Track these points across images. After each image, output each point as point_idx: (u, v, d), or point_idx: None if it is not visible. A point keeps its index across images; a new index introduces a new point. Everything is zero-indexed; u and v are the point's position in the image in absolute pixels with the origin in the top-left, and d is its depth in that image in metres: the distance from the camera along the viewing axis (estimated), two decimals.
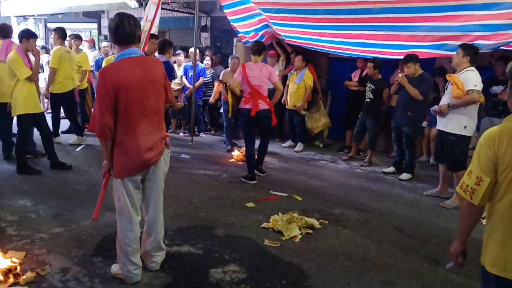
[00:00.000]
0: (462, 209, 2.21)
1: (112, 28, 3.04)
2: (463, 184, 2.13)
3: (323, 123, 8.12)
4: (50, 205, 4.83)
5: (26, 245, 3.85)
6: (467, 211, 2.18)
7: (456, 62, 5.26)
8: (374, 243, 4.26)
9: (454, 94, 5.15)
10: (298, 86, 7.84)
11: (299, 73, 7.86)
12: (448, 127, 5.30)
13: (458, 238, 2.28)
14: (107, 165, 3.20)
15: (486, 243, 2.12)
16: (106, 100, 2.94)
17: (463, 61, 5.19)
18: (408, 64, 6.09)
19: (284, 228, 4.35)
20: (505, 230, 2.02)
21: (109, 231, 4.12)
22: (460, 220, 2.25)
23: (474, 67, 5.22)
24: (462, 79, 5.14)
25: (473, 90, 5.06)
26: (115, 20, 3.03)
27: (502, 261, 2.02)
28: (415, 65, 6.08)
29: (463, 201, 2.16)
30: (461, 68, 5.22)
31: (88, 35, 14.54)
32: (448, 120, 5.31)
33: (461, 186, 2.14)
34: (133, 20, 3.05)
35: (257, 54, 5.98)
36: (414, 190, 6.03)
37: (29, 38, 5.84)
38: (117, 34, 3.03)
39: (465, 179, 2.13)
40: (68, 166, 6.26)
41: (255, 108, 5.86)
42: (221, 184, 5.93)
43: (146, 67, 3.09)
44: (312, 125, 8.09)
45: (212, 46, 10.53)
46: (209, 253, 3.85)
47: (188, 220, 4.60)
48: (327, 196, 5.61)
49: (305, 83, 7.81)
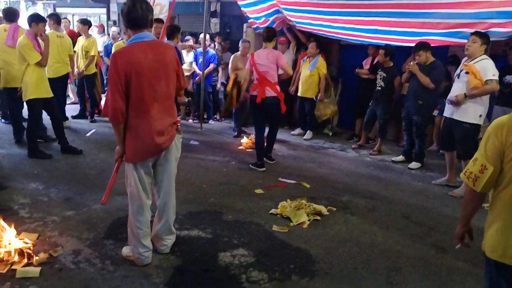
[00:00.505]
0: (465, 194, 2.27)
1: (125, 12, 3.05)
2: (467, 170, 2.16)
3: (332, 110, 8.07)
4: (61, 189, 4.89)
5: (38, 227, 3.92)
6: (469, 196, 2.23)
7: (472, 51, 5.09)
8: (381, 230, 4.29)
9: (472, 84, 5.01)
10: (311, 73, 7.76)
11: (312, 60, 7.77)
12: (464, 116, 5.21)
13: (461, 221, 2.36)
14: (119, 150, 3.22)
15: (487, 230, 2.15)
16: (117, 84, 2.96)
17: (480, 49, 5.06)
18: (419, 52, 6.02)
19: (292, 214, 4.39)
20: (507, 218, 2.05)
21: (119, 215, 4.18)
22: (462, 205, 2.32)
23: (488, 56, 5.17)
24: (480, 68, 5.03)
25: (492, 80, 4.97)
26: (127, 4, 3.03)
27: (501, 247, 2.05)
28: (426, 53, 6.01)
29: (466, 187, 2.20)
30: (475, 56, 5.10)
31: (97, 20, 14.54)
32: (463, 109, 5.21)
33: (465, 172, 2.17)
34: (145, 4, 3.06)
35: (268, 40, 5.95)
36: (423, 179, 6.03)
37: (38, 22, 5.82)
38: (129, 18, 3.04)
39: (469, 166, 2.15)
40: (79, 151, 6.32)
41: (261, 95, 5.85)
42: (230, 170, 5.97)
43: (158, 51, 3.09)
44: (321, 112, 8.03)
45: (221, 32, 10.48)
46: (218, 238, 3.90)
47: (197, 205, 4.64)
48: (335, 183, 5.63)
49: (318, 71, 7.73)
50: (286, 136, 8.19)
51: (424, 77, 5.97)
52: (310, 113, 8.08)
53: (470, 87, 5.07)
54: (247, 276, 3.30)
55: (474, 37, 5.08)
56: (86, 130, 7.77)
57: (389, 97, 7.02)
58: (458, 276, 3.50)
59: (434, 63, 6.06)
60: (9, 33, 6.14)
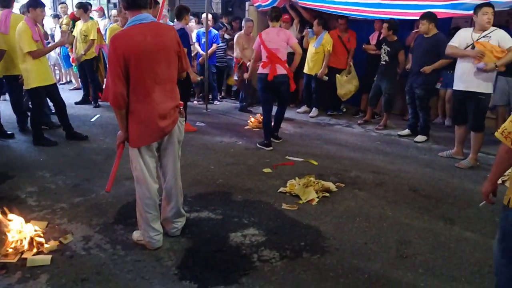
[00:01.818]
0: (500, 153, 2.27)
1: None
2: (505, 130, 2.18)
3: (355, 86, 7.90)
4: (68, 176, 4.90)
5: (47, 215, 3.93)
6: (505, 155, 2.25)
7: (491, 22, 4.99)
8: (390, 204, 4.29)
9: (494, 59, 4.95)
10: (316, 50, 7.70)
11: (318, 37, 7.70)
12: (479, 88, 5.13)
13: (490, 179, 2.40)
14: (121, 135, 3.21)
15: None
16: (117, 68, 2.91)
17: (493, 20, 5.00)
18: (423, 21, 5.96)
19: (301, 192, 4.39)
20: None
21: (128, 199, 4.19)
22: (496, 163, 2.33)
23: None
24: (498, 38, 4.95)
25: None
26: None
27: None
28: (430, 24, 5.94)
29: (503, 146, 2.22)
30: (487, 28, 5.02)
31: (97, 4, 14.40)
32: (479, 80, 5.12)
33: (502, 132, 2.19)
34: None
35: (275, 20, 5.90)
36: (429, 152, 6.01)
37: (36, 7, 5.69)
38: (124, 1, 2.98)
39: (507, 126, 2.17)
40: (84, 137, 6.32)
41: (272, 72, 5.79)
42: (237, 151, 5.96)
43: (157, 33, 3.02)
44: (345, 91, 7.87)
45: (223, 11, 10.37)
46: (228, 218, 3.91)
47: (206, 186, 4.65)
48: (342, 160, 5.62)
49: (323, 48, 7.64)
50: (291, 114, 8.15)
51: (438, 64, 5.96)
52: (316, 91, 8.03)
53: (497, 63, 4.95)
54: (258, 255, 3.31)
55: (487, 8, 4.98)
56: (91, 115, 7.78)
57: (394, 72, 6.95)
58: (467, 246, 3.50)
59: (437, 35, 5.99)
60: (1, 19, 5.93)
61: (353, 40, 7.84)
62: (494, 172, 2.36)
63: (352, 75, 7.87)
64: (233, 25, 9.50)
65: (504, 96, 6.51)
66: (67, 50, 9.28)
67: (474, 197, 4.45)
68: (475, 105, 5.21)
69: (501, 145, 2.23)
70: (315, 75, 7.81)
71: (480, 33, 5.07)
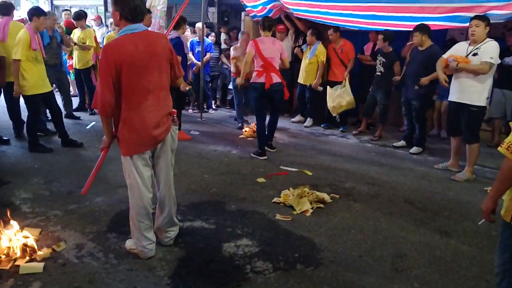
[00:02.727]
0: (504, 169, 2.20)
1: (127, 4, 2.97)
2: (510, 146, 2.13)
3: (347, 102, 7.51)
4: (63, 183, 4.88)
5: (41, 222, 3.90)
6: (510, 172, 2.18)
7: (479, 35, 4.98)
8: (385, 216, 4.27)
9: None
10: (310, 61, 7.73)
11: (312, 48, 7.74)
12: (471, 100, 5.14)
13: (492, 196, 2.33)
14: (106, 141, 3.23)
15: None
16: (107, 77, 2.92)
17: (485, 32, 4.98)
18: (416, 33, 6.00)
19: (295, 202, 4.37)
20: None
21: (122, 207, 4.16)
22: (500, 180, 2.26)
23: None
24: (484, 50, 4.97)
25: (486, 62, 4.90)
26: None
27: None
28: (422, 36, 5.97)
29: (507, 161, 2.16)
30: (481, 39, 5.02)
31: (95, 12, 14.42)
32: (470, 92, 5.14)
33: (508, 147, 2.14)
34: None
35: (267, 29, 5.92)
36: (424, 164, 6.01)
37: (39, 16, 5.76)
38: (130, 10, 2.97)
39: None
40: (79, 144, 6.30)
41: (269, 81, 5.81)
42: (232, 160, 5.95)
43: (149, 41, 3.04)
44: (335, 104, 7.58)
45: (219, 21, 10.42)
46: (222, 228, 3.89)
47: (199, 195, 4.63)
48: (337, 170, 5.61)
49: (317, 58, 7.67)
50: (286, 124, 8.17)
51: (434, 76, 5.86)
52: (311, 101, 8.03)
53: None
54: (251, 266, 3.29)
55: (476, 21, 4.99)
56: (86, 122, 7.74)
57: (389, 82, 6.97)
58: (464, 260, 3.49)
59: (432, 48, 6.02)
60: (0, 26, 5.99)
61: (347, 50, 7.62)
62: (497, 189, 2.29)
63: (345, 90, 7.57)
64: (230, 35, 9.55)
65: (500, 108, 6.56)
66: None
67: (470, 210, 4.45)
68: (468, 117, 5.23)
69: (505, 161, 2.17)
70: (309, 85, 7.82)
71: (473, 46, 5.10)
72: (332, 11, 7.05)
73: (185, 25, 7.01)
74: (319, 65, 7.69)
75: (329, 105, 7.68)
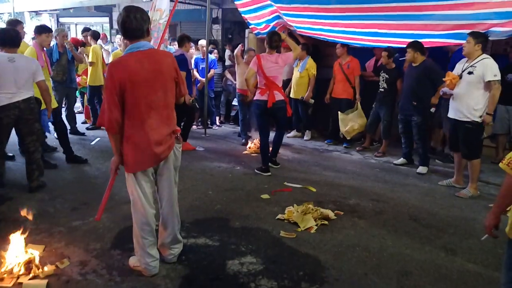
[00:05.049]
0: (506, 185, 2.22)
1: (120, 23, 3.04)
2: (511, 162, 2.15)
3: (360, 125, 7.46)
4: (67, 199, 4.88)
5: (44, 238, 3.90)
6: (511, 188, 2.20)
7: (468, 51, 5.14)
8: (390, 233, 4.25)
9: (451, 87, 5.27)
10: (301, 75, 7.91)
11: (302, 62, 7.92)
12: (465, 116, 5.20)
13: (495, 212, 2.34)
14: (115, 160, 3.23)
15: None
16: (113, 94, 2.96)
17: (475, 49, 5.08)
18: (408, 49, 6.08)
19: (300, 219, 4.35)
20: None
21: (126, 224, 4.15)
22: (501, 195, 2.28)
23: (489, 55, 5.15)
24: (480, 68, 5.03)
25: (495, 81, 4.97)
26: (122, 14, 3.02)
27: None
28: (415, 53, 6.03)
29: (509, 178, 2.19)
30: (474, 56, 5.11)
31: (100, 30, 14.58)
32: (464, 109, 5.21)
33: (508, 164, 2.16)
34: (140, 14, 3.03)
35: (274, 47, 5.95)
36: (429, 180, 5.99)
37: (41, 33, 5.84)
38: (124, 29, 3.03)
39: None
40: (84, 160, 6.32)
41: (271, 99, 5.84)
42: (236, 176, 5.94)
43: (154, 60, 3.08)
44: (347, 129, 7.52)
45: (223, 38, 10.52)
46: (226, 245, 3.87)
47: (204, 212, 4.62)
48: (341, 187, 5.60)
49: (308, 72, 7.85)
50: (289, 140, 8.21)
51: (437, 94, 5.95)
52: (305, 114, 8.19)
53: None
54: (256, 284, 3.27)
55: (468, 37, 5.14)
56: (91, 138, 7.77)
57: (392, 99, 6.98)
58: (470, 278, 3.46)
59: (425, 63, 6.09)
60: None
61: (353, 66, 7.65)
62: (499, 205, 2.31)
63: (357, 113, 7.50)
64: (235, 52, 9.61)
65: (504, 125, 6.55)
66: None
67: (475, 227, 4.42)
68: (463, 133, 5.27)
69: (507, 177, 2.19)
70: (302, 98, 7.95)
71: (469, 63, 5.17)
72: (335, 28, 7.11)
73: (189, 43, 7.14)
74: (310, 78, 7.88)
75: (342, 130, 7.66)
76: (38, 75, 4.97)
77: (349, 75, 7.64)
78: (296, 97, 8.06)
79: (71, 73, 7.51)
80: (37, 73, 4.97)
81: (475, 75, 5.06)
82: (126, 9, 3.04)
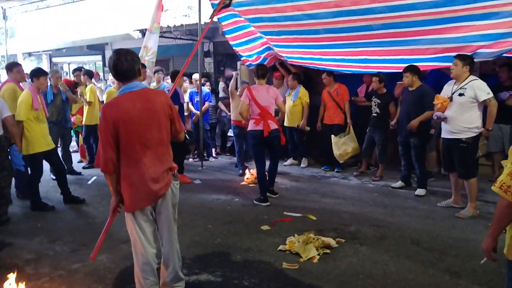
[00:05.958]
0: (500, 207, 2.23)
1: (111, 66, 3.11)
2: (504, 185, 2.16)
3: (352, 148, 7.57)
4: (66, 241, 4.84)
5: (45, 283, 3.85)
6: (506, 210, 2.21)
7: (457, 74, 5.27)
8: (392, 259, 4.23)
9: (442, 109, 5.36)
10: (294, 103, 8.04)
11: (294, 91, 8.09)
12: (459, 135, 5.27)
13: (492, 234, 2.35)
14: (114, 200, 3.23)
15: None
16: (107, 135, 3.00)
17: (463, 71, 5.23)
18: (406, 74, 6.14)
19: (301, 249, 4.33)
20: None
21: (126, 264, 4.11)
22: (497, 218, 2.29)
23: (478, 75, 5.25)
24: (471, 90, 5.13)
25: (489, 99, 5.12)
26: (113, 57, 3.09)
27: None
28: (413, 77, 6.11)
29: (502, 200, 2.20)
30: (463, 78, 5.23)
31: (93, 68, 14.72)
32: (458, 128, 5.27)
33: (501, 186, 2.17)
34: (130, 56, 3.10)
35: (261, 77, 6.08)
36: (428, 202, 6.00)
37: (39, 77, 5.90)
38: (116, 72, 3.10)
39: (505, 180, 2.16)
40: (81, 200, 6.29)
41: (267, 128, 5.90)
42: (234, 208, 5.93)
43: (147, 99, 3.12)
44: (341, 152, 7.59)
45: (215, 71, 10.64)
46: (228, 280, 3.84)
47: (204, 247, 4.59)
48: (341, 213, 5.59)
49: (301, 100, 8.00)
50: (286, 168, 8.22)
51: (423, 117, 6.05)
52: (300, 141, 8.28)
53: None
54: None
55: (455, 60, 5.28)
56: (88, 177, 7.75)
57: (385, 123, 7.05)
58: None
59: (421, 88, 6.15)
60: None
61: (342, 92, 7.78)
62: (495, 228, 2.31)
63: (350, 137, 7.60)
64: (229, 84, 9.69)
65: (498, 143, 6.60)
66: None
67: (477, 248, 4.36)
68: (458, 153, 5.33)
69: (500, 199, 2.20)
70: (297, 126, 8.05)
71: (458, 85, 5.29)
72: (325, 56, 7.22)
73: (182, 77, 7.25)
74: (304, 106, 8.02)
75: (335, 153, 7.70)
76: (4, 112, 5.31)
77: (339, 101, 7.77)
78: (291, 125, 8.14)
79: (66, 113, 7.58)
80: (3, 110, 5.32)
81: (466, 96, 5.16)
82: (116, 52, 3.11)
